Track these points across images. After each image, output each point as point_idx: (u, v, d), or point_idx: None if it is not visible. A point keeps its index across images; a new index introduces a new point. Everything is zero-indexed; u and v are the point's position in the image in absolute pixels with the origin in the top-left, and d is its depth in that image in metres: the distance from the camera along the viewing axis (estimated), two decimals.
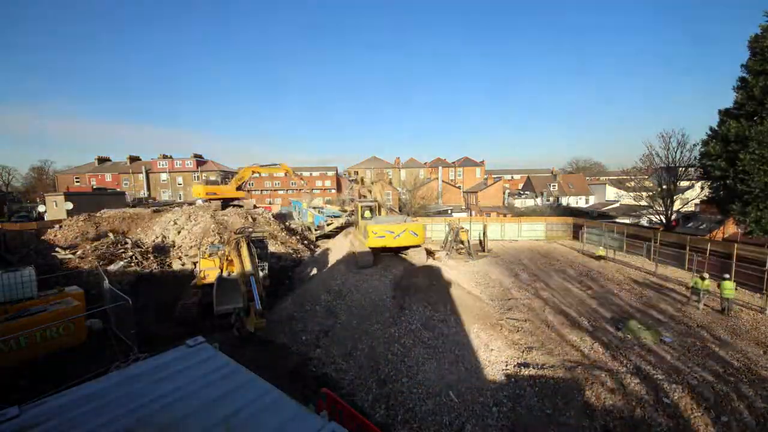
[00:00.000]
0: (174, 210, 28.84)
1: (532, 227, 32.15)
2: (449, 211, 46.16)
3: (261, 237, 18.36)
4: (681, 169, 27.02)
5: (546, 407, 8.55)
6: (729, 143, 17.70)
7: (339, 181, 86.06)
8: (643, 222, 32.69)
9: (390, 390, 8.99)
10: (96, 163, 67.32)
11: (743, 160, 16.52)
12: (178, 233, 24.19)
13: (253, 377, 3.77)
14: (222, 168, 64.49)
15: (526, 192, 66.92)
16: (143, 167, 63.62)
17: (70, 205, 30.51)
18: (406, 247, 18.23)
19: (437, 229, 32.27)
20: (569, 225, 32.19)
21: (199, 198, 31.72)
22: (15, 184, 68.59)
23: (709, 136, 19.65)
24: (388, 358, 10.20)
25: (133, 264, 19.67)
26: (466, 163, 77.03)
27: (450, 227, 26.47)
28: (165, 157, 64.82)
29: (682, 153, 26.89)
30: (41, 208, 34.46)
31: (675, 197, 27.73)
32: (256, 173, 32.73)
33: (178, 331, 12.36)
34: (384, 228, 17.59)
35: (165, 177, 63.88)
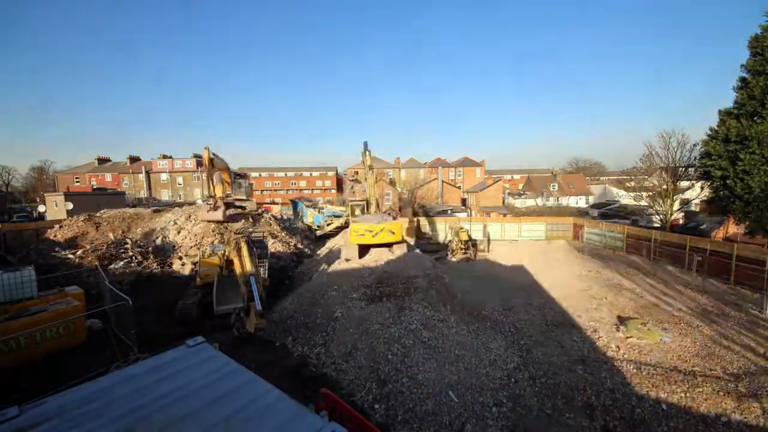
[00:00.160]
0: (174, 210, 28.81)
1: (532, 227, 32.13)
2: (449, 211, 46.10)
3: (261, 237, 18.35)
4: (681, 169, 27.02)
5: (546, 407, 8.55)
6: (729, 143, 17.71)
7: (339, 181, 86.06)
8: (643, 222, 32.70)
9: (390, 390, 8.98)
10: (96, 163, 67.32)
11: (744, 160, 16.53)
12: (178, 233, 24.17)
13: (253, 377, 3.77)
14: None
15: (526, 192, 66.89)
16: (143, 167, 63.60)
17: (70, 205, 30.48)
18: (389, 244, 20.26)
19: (437, 229, 32.38)
20: (569, 225, 32.19)
21: (198, 199, 31.43)
22: (15, 184, 68.65)
23: (709, 136, 19.66)
24: (388, 358, 10.19)
25: (133, 264, 19.67)
26: (466, 163, 77.00)
27: (450, 227, 26.51)
28: (165, 157, 64.79)
29: (682, 153, 26.90)
30: (41, 208, 34.42)
31: (675, 197, 27.72)
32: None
33: (178, 331, 12.35)
34: (364, 227, 19.81)
35: (165, 177, 63.84)
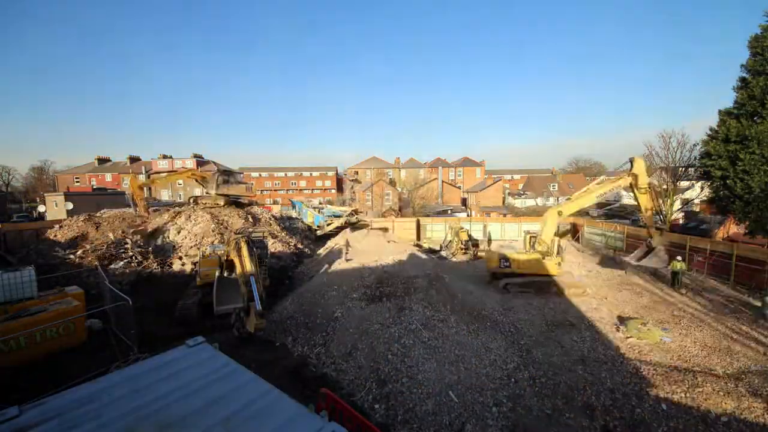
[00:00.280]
0: (172, 210, 28.76)
1: (532, 227, 32.12)
2: (449, 211, 46.15)
3: (261, 237, 18.35)
4: (681, 169, 27.02)
5: (546, 407, 8.54)
6: (729, 143, 17.71)
7: (339, 182, 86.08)
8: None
9: (390, 390, 8.98)
10: (96, 163, 67.30)
11: (744, 160, 16.52)
12: (178, 233, 24.17)
13: (253, 377, 3.77)
14: (222, 168, 64.26)
15: (526, 192, 66.91)
16: (143, 167, 63.55)
17: (70, 205, 30.49)
18: None
19: (437, 229, 32.38)
20: (569, 225, 32.19)
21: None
22: (15, 184, 68.75)
23: (709, 136, 19.66)
24: (388, 358, 10.18)
25: (133, 264, 19.67)
26: (466, 163, 77.04)
27: (450, 227, 26.52)
28: (165, 157, 64.71)
29: (682, 153, 26.91)
30: (41, 208, 34.43)
31: (675, 197, 27.73)
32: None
33: (178, 331, 12.34)
34: None
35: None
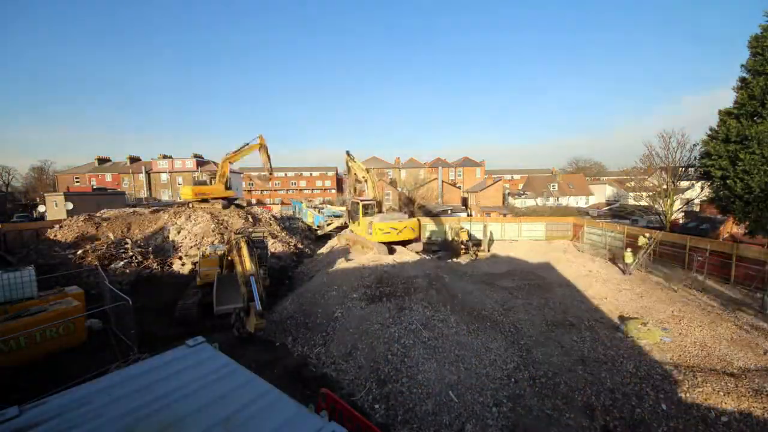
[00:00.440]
0: (172, 210, 28.77)
1: (532, 227, 32.10)
2: (449, 211, 46.12)
3: (261, 237, 18.34)
4: (681, 169, 27.02)
5: (546, 407, 8.54)
6: (729, 143, 17.70)
7: (339, 181, 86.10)
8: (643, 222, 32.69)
9: (390, 390, 8.98)
10: (96, 163, 67.24)
11: (744, 160, 16.51)
12: (178, 233, 24.18)
13: (253, 377, 3.77)
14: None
15: (526, 192, 66.88)
16: (143, 167, 63.53)
17: (70, 205, 30.45)
18: (408, 241, 20.96)
19: (437, 230, 32.36)
20: (569, 225, 32.19)
21: (187, 200, 29.63)
22: (15, 184, 68.70)
23: (709, 136, 19.65)
24: (388, 358, 10.18)
25: (133, 264, 19.68)
26: (466, 163, 76.99)
27: (451, 227, 26.55)
28: (165, 157, 64.69)
29: (682, 153, 26.90)
30: (41, 208, 34.39)
31: (675, 197, 27.73)
32: (232, 162, 30.55)
33: (178, 331, 12.36)
34: (389, 225, 20.73)
35: (165, 177, 63.77)
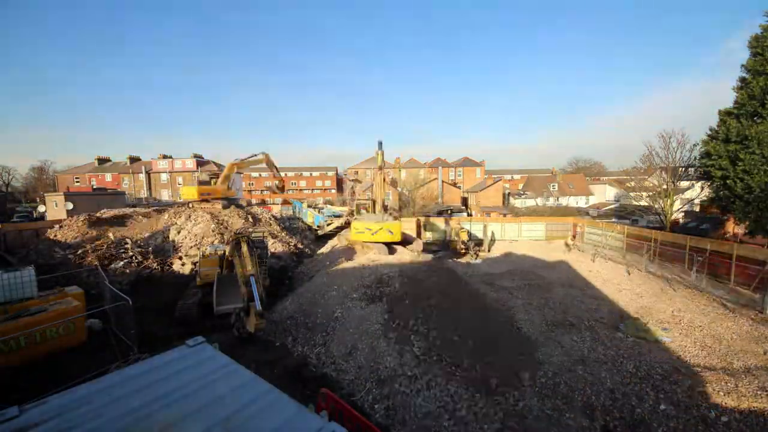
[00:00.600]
0: (172, 210, 28.75)
1: (531, 227, 32.14)
2: (449, 211, 46.13)
3: (261, 237, 18.33)
4: (681, 169, 27.00)
5: (546, 407, 8.54)
6: (729, 143, 17.70)
7: (339, 181, 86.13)
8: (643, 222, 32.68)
9: (390, 390, 8.98)
10: (96, 163, 67.24)
11: (744, 160, 16.51)
12: (178, 233, 24.17)
13: (253, 377, 3.77)
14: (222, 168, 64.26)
15: (526, 192, 66.88)
16: (143, 167, 63.54)
17: (70, 205, 30.43)
18: (390, 243, 20.77)
19: (437, 230, 32.38)
20: (569, 225, 32.20)
21: (191, 200, 29.21)
22: (15, 184, 68.78)
23: (709, 136, 19.65)
24: (388, 358, 10.17)
25: (133, 264, 19.67)
26: (466, 163, 76.99)
27: (451, 227, 26.57)
28: (165, 157, 64.70)
29: (682, 153, 26.88)
30: (41, 208, 34.37)
31: (675, 197, 27.71)
32: (238, 168, 31.19)
33: (178, 331, 12.35)
34: (363, 225, 20.89)
35: (165, 177, 63.77)
